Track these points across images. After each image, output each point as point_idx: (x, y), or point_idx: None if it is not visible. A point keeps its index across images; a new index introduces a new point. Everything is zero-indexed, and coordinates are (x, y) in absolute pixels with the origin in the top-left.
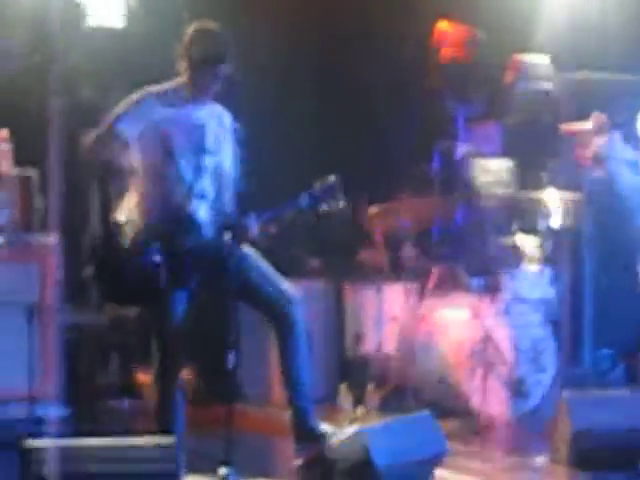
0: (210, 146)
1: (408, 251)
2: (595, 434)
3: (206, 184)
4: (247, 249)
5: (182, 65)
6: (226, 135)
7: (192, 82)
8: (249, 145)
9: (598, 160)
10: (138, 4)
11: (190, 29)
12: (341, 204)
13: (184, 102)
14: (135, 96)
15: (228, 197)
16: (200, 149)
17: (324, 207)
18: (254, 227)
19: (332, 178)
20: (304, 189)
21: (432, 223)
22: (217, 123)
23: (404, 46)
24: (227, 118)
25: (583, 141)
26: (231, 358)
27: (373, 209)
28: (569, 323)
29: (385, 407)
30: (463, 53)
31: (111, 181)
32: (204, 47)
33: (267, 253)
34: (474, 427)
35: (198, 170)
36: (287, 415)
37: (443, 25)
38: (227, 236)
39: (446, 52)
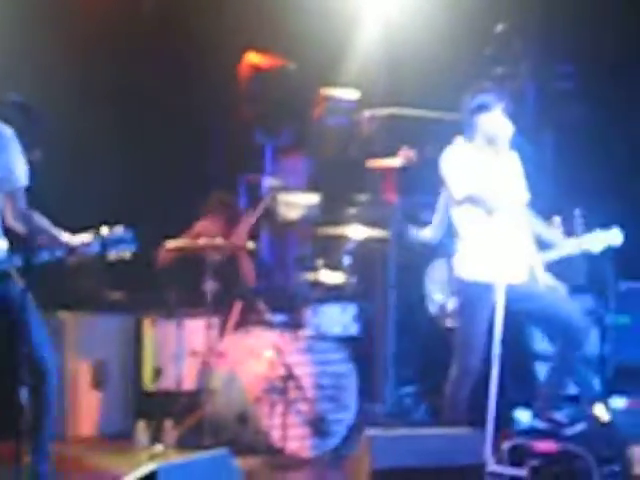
0: None
1: (210, 285)
2: (395, 473)
3: None
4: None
5: None
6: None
7: None
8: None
9: None
10: None
11: None
12: (131, 250)
13: None
14: None
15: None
16: None
17: (113, 254)
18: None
19: (121, 229)
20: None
21: (236, 258)
22: None
23: (213, 76)
24: (7, 130)
25: (391, 177)
26: (23, 393)
27: (170, 243)
28: (372, 360)
29: (183, 444)
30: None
31: None
32: None
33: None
34: (275, 464)
35: None
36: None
37: (253, 57)
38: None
39: (258, 83)
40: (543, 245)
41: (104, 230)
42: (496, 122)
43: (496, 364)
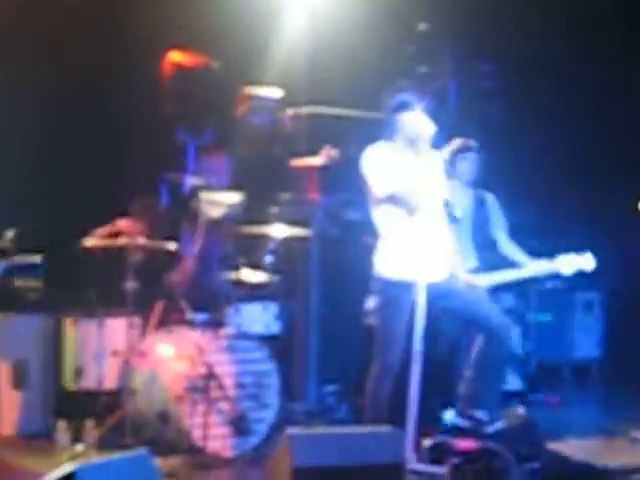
0: None
1: (131, 284)
2: (315, 471)
3: None
4: None
5: None
6: None
7: None
8: None
9: None
10: None
11: None
12: (35, 282)
13: None
14: None
15: None
16: None
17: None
18: None
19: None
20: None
21: (157, 256)
22: None
23: (136, 74)
24: None
25: (313, 176)
26: None
27: (90, 240)
28: (294, 359)
29: (104, 444)
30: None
31: None
32: None
33: None
34: (196, 464)
35: None
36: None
37: (175, 55)
38: None
39: (180, 81)
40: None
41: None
42: (417, 121)
43: (418, 361)
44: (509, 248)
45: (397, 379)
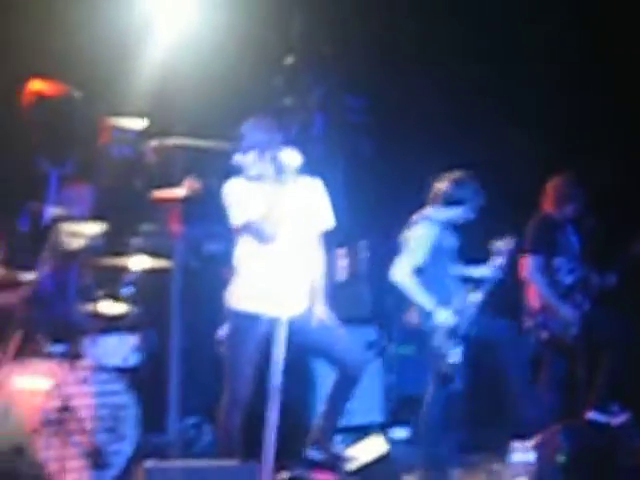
0: None
1: None
2: None
3: None
4: None
5: None
6: None
7: None
8: None
9: None
10: None
11: None
12: None
13: None
14: None
15: None
16: None
17: None
18: None
19: None
20: None
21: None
22: None
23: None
24: None
25: (175, 207)
26: None
27: None
28: (154, 391)
29: None
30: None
31: None
32: None
33: None
34: None
35: None
36: None
37: (37, 84)
38: None
39: (41, 110)
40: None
41: None
42: (279, 156)
43: (276, 396)
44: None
45: (252, 411)
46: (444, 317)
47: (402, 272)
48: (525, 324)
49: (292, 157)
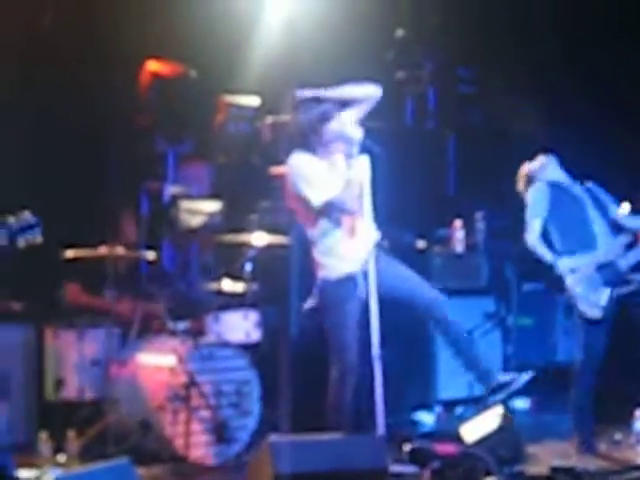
0: None
1: (111, 293)
2: (297, 478)
3: None
4: None
5: None
6: None
7: None
8: None
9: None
10: None
11: None
12: (38, 239)
13: None
14: None
15: None
16: None
17: (21, 242)
18: None
19: (27, 213)
20: None
21: (137, 265)
22: None
23: (114, 84)
24: None
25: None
26: None
27: (70, 253)
28: (275, 366)
29: (86, 454)
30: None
31: None
32: None
33: None
34: (179, 472)
35: None
36: None
37: (153, 65)
38: None
39: (158, 90)
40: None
41: (10, 219)
42: (343, 128)
43: (378, 365)
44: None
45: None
46: (566, 265)
47: (531, 238)
48: None
49: (354, 130)
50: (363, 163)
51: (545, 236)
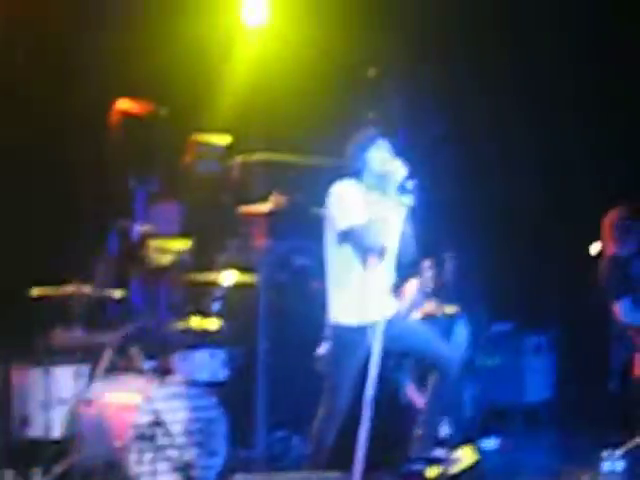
0: None
1: (77, 331)
2: None
3: None
4: None
5: None
6: None
7: None
8: None
9: None
10: None
11: None
12: None
13: None
14: None
15: None
16: None
17: None
18: None
19: None
20: None
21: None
22: None
23: (83, 123)
24: None
25: (260, 222)
26: None
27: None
28: (243, 405)
29: None
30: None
31: None
32: None
33: None
34: None
35: None
36: None
37: (123, 103)
38: None
39: (128, 129)
40: None
41: None
42: (386, 160)
43: (368, 407)
44: None
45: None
46: None
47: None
48: None
49: (398, 167)
50: (400, 206)
51: None
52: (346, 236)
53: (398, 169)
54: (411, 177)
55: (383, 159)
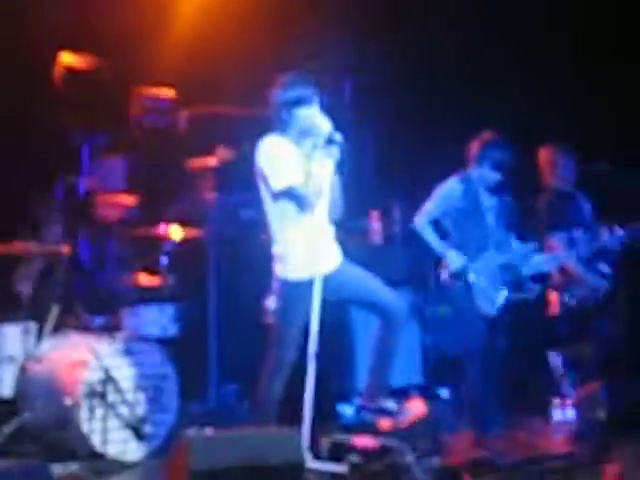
0: None
1: (24, 287)
2: (214, 473)
3: None
4: None
5: None
6: None
7: None
8: None
9: None
10: None
11: None
12: None
13: None
14: None
15: None
16: None
17: None
18: None
19: None
20: None
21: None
22: None
23: (27, 78)
24: None
25: (208, 176)
26: None
27: None
28: (193, 360)
29: (2, 452)
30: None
31: None
32: None
33: None
34: (96, 469)
35: None
36: None
37: (66, 57)
38: None
39: (72, 84)
40: None
41: None
42: (314, 117)
43: (313, 362)
44: None
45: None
46: (454, 259)
47: (420, 220)
48: None
49: (323, 122)
50: (328, 161)
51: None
52: (284, 195)
53: (323, 123)
54: (337, 129)
55: (311, 115)
